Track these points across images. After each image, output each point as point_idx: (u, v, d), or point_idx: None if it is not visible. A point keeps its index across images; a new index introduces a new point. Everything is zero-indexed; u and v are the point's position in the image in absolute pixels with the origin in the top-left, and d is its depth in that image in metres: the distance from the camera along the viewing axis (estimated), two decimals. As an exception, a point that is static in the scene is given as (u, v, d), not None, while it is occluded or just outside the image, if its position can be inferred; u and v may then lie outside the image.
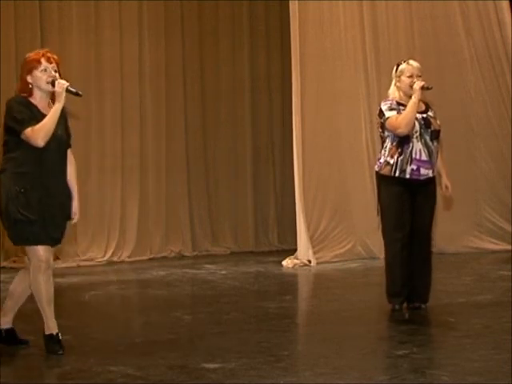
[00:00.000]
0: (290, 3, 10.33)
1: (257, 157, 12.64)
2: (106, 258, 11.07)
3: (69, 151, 5.34)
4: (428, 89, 6.28)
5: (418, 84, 6.20)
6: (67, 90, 5.10)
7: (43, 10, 10.96)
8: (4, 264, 10.44)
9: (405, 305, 6.32)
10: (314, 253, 10.04)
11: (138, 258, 11.25)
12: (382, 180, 6.32)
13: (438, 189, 6.50)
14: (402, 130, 6.14)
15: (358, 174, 10.36)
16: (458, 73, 10.75)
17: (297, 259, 10.05)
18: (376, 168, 6.41)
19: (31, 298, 5.21)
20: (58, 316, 5.27)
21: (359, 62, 10.58)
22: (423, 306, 6.30)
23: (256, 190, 12.60)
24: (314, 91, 10.35)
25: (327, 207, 10.36)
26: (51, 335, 5.14)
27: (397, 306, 6.27)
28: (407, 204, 6.22)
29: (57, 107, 5.06)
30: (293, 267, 9.87)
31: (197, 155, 12.17)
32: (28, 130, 5.00)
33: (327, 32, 10.50)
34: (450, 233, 10.45)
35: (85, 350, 5.19)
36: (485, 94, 10.76)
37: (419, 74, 6.31)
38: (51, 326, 5.14)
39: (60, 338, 5.16)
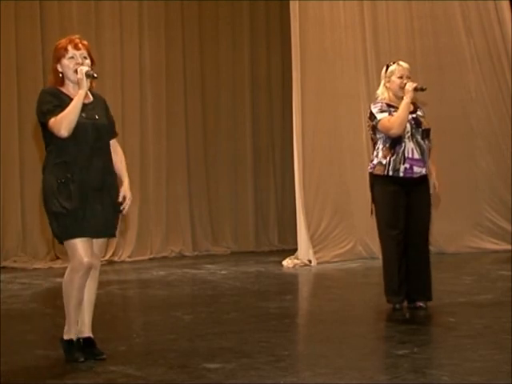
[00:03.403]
0: (291, 3, 10.34)
1: (257, 157, 12.65)
2: (106, 258, 11.05)
3: (114, 141, 5.07)
4: (422, 90, 6.30)
5: (410, 85, 6.22)
6: (87, 75, 4.80)
7: (43, 10, 10.97)
8: (5, 264, 10.45)
9: (405, 304, 6.31)
10: (315, 253, 10.04)
11: (138, 258, 11.26)
12: (376, 180, 6.31)
13: None
14: (395, 131, 6.15)
15: (358, 173, 10.34)
16: (459, 72, 10.75)
17: (297, 259, 10.06)
18: (369, 169, 6.40)
19: (33, 298, 5.22)
20: (58, 316, 5.28)
21: (359, 62, 10.59)
22: (423, 305, 6.25)
23: (256, 189, 12.61)
24: (314, 91, 10.35)
25: (328, 207, 10.37)
26: (71, 341, 4.89)
27: (397, 306, 6.26)
28: (401, 202, 6.21)
29: (80, 94, 4.76)
30: (293, 267, 9.87)
31: (197, 155, 12.18)
32: (51, 121, 4.72)
33: (327, 32, 10.50)
34: (450, 232, 10.47)
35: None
36: (485, 94, 10.76)
37: (409, 75, 6.33)
38: (73, 332, 4.89)
39: (81, 342, 4.91)
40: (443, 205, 10.28)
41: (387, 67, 6.43)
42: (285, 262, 10.05)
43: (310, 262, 9.98)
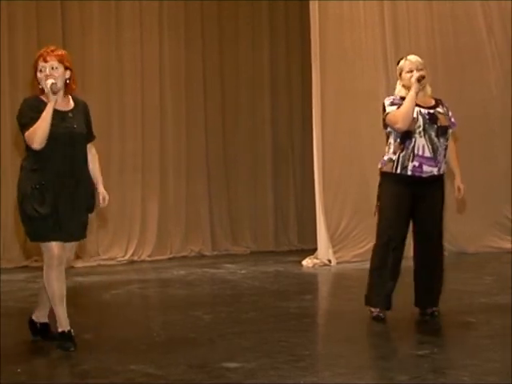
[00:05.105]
0: (310, 3, 10.33)
1: (277, 156, 12.64)
2: (126, 258, 11.12)
3: (90, 144, 5.38)
4: (422, 78, 5.97)
5: (414, 76, 5.98)
6: (51, 89, 5.05)
7: (65, 11, 11.03)
8: (26, 263, 10.51)
9: (388, 311, 6.08)
10: (334, 252, 10.03)
11: (158, 258, 11.29)
12: (384, 178, 6.11)
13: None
14: (400, 125, 5.90)
15: (378, 173, 10.31)
16: (479, 71, 10.70)
17: (317, 259, 10.05)
18: (379, 165, 6.20)
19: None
20: (78, 315, 5.32)
21: (379, 62, 10.56)
22: (436, 312, 6.05)
23: (276, 189, 12.61)
24: (334, 91, 10.33)
25: (347, 207, 10.35)
26: (63, 332, 5.20)
27: (380, 314, 6.01)
28: (406, 205, 5.97)
29: (48, 107, 5.02)
30: (313, 267, 9.87)
31: (217, 155, 12.19)
32: (26, 134, 5.03)
33: (347, 31, 10.48)
34: (470, 232, 10.42)
35: (105, 349, 5.21)
36: (506, 93, 10.70)
37: (420, 68, 6.05)
38: (63, 323, 5.20)
39: (72, 334, 5.21)
40: (456, 208, 10.24)
41: (398, 64, 6.22)
42: (304, 262, 10.05)
43: (329, 261, 9.97)
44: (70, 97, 5.28)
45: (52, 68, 5.13)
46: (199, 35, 12.02)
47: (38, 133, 4.98)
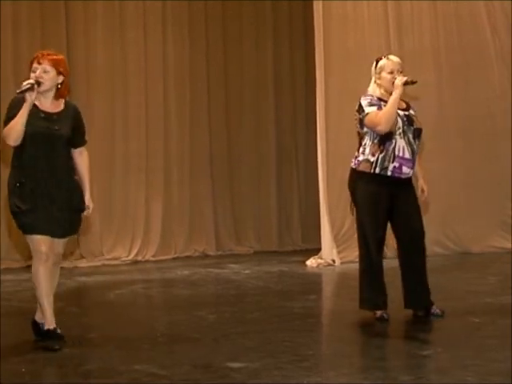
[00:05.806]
0: (314, 3, 10.32)
1: (280, 156, 12.64)
2: (130, 258, 11.13)
3: (82, 148, 5.48)
4: (412, 83, 5.93)
5: (400, 79, 5.88)
6: (21, 88, 5.15)
7: (69, 10, 11.04)
8: (30, 263, 10.51)
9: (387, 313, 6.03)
10: (338, 252, 10.03)
11: (162, 258, 11.30)
12: (360, 177, 5.96)
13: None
14: (382, 128, 5.81)
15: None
16: (483, 71, 10.69)
17: (321, 259, 10.05)
18: (352, 165, 6.07)
19: (58, 297, 5.25)
20: (82, 314, 5.32)
21: (383, 62, 10.55)
22: (438, 311, 6.02)
23: (280, 189, 12.60)
24: (337, 91, 10.32)
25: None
26: (48, 330, 5.21)
27: (385, 316, 5.96)
28: (384, 205, 5.90)
29: (24, 106, 5.11)
30: (317, 267, 9.87)
31: (221, 155, 12.19)
32: (3, 131, 5.17)
33: (351, 31, 10.48)
34: (474, 232, 10.40)
35: (109, 349, 5.21)
36: (509, 91, 10.68)
37: (400, 70, 5.98)
38: (49, 321, 5.22)
39: (58, 332, 5.21)
40: (467, 204, 10.24)
41: (377, 62, 6.12)
42: (308, 262, 10.04)
43: (333, 261, 9.97)
44: (62, 101, 5.38)
45: (44, 71, 5.24)
46: (203, 35, 12.03)
47: (13, 129, 5.11)
